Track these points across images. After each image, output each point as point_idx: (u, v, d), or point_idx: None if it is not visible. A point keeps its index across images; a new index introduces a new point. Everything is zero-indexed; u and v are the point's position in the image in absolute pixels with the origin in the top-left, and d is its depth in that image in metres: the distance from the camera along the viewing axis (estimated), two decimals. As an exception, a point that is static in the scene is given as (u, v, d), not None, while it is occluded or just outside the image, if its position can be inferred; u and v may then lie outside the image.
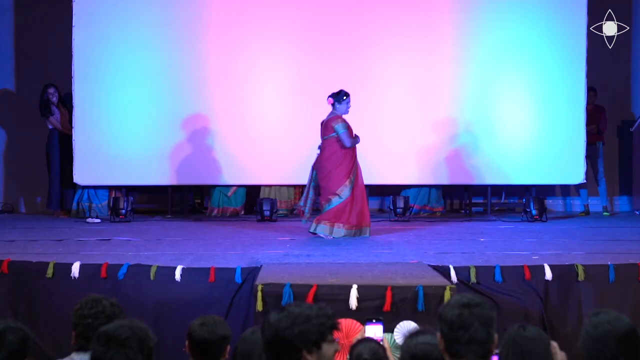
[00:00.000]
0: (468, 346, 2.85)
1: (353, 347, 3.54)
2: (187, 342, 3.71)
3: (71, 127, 10.22)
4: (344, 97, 8.29)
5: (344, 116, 8.30)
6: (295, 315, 2.78)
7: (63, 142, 10.35)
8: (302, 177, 9.63)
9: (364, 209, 8.35)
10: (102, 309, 3.56)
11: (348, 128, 8.25)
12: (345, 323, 5.13)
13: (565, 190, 11.43)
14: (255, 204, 10.38)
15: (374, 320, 4.34)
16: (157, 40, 10.26)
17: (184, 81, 10.30)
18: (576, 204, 11.39)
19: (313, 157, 8.50)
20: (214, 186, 10.61)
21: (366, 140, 8.65)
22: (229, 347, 3.67)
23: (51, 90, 10.36)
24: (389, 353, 3.91)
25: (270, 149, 10.27)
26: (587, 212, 10.86)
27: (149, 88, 10.27)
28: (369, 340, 3.86)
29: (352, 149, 8.29)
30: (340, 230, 8.24)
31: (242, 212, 10.67)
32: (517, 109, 10.40)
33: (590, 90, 10.60)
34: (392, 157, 10.27)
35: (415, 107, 10.39)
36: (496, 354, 3.09)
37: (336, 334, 2.85)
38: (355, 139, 8.29)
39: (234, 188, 10.61)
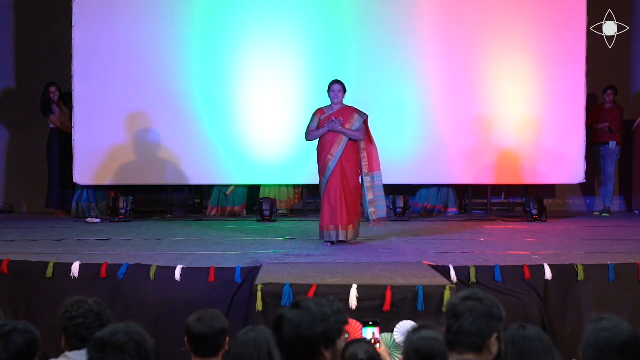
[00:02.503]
0: (456, 336, 2.85)
1: (345, 348, 3.54)
2: (186, 339, 3.71)
3: (72, 126, 10.22)
4: (328, 88, 7.94)
5: (327, 106, 7.91)
6: (315, 314, 2.80)
7: (63, 141, 10.35)
8: (302, 177, 9.65)
9: (332, 209, 7.67)
10: (90, 308, 3.58)
11: (314, 120, 7.85)
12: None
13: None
14: (255, 203, 10.38)
15: (370, 323, 4.34)
16: (157, 40, 10.25)
17: (184, 81, 10.29)
18: (575, 204, 11.40)
19: (312, 157, 8.46)
20: (214, 186, 10.62)
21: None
22: (228, 339, 3.69)
23: (52, 89, 10.37)
24: (385, 354, 3.90)
25: (270, 148, 10.26)
26: (607, 211, 10.82)
27: (149, 88, 10.26)
28: (362, 340, 3.86)
29: (327, 144, 7.73)
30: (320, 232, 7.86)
31: (245, 212, 10.65)
32: (517, 109, 10.39)
33: (610, 88, 10.62)
34: (391, 157, 10.25)
35: (415, 108, 10.38)
36: None
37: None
38: (311, 133, 7.81)
39: (232, 187, 10.60)
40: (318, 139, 7.86)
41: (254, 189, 10.70)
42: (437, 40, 10.35)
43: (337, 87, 7.89)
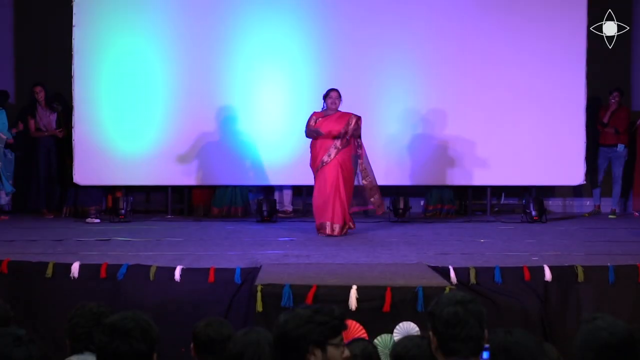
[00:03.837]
0: (465, 343, 2.83)
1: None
2: (192, 345, 3.72)
3: (57, 128, 10.25)
4: (324, 95, 8.54)
5: (322, 111, 8.53)
6: (301, 315, 2.81)
7: (48, 140, 10.33)
8: (302, 177, 9.63)
9: (317, 207, 8.47)
10: (89, 309, 3.68)
11: (310, 120, 8.48)
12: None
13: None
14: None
15: None
16: (157, 40, 10.27)
17: (184, 81, 10.30)
18: (576, 205, 11.40)
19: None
20: (215, 186, 10.62)
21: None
22: None
23: (37, 88, 10.38)
24: None
25: (270, 149, 10.26)
26: (596, 213, 10.86)
27: (149, 88, 10.27)
28: (360, 339, 3.88)
29: (318, 146, 8.40)
30: None
31: (245, 213, 10.64)
32: (517, 110, 10.39)
33: (616, 90, 10.64)
34: (391, 159, 10.27)
35: (415, 108, 10.39)
36: (486, 349, 3.06)
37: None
38: (311, 132, 8.43)
39: None
40: (313, 141, 8.42)
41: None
42: (437, 42, 10.35)
43: (335, 94, 8.42)
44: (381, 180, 9.95)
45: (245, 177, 10.40)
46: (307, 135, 8.51)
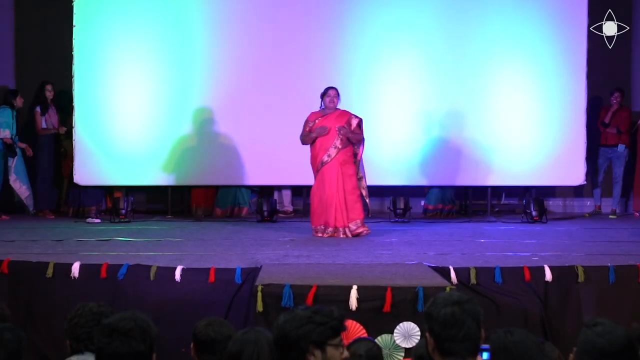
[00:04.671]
0: (462, 344, 2.85)
1: (348, 347, 3.56)
2: (192, 345, 3.73)
3: (59, 127, 10.31)
4: (322, 93, 8.45)
5: (320, 110, 8.44)
6: (301, 316, 2.82)
7: (51, 141, 10.34)
8: (302, 177, 9.65)
9: (314, 209, 8.41)
10: (89, 310, 3.68)
11: (305, 125, 8.38)
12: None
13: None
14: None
15: None
16: (157, 40, 10.27)
17: (184, 81, 10.30)
18: (577, 205, 11.40)
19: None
20: (217, 186, 10.62)
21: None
22: None
23: (48, 87, 10.38)
24: None
25: (270, 149, 10.26)
26: (596, 213, 10.88)
27: (149, 88, 10.28)
28: (365, 339, 3.89)
29: (318, 146, 8.31)
30: None
31: (248, 213, 10.67)
32: (517, 110, 10.40)
33: (617, 90, 10.64)
34: (391, 158, 10.27)
35: (415, 109, 10.39)
36: (486, 349, 3.07)
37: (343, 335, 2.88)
38: (306, 138, 8.34)
39: None
40: (312, 142, 8.35)
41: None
42: (437, 42, 10.35)
43: (333, 92, 8.33)
44: (381, 180, 10.01)
45: (245, 177, 10.40)
46: (303, 142, 8.42)
